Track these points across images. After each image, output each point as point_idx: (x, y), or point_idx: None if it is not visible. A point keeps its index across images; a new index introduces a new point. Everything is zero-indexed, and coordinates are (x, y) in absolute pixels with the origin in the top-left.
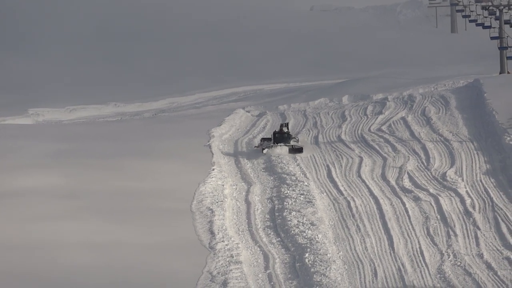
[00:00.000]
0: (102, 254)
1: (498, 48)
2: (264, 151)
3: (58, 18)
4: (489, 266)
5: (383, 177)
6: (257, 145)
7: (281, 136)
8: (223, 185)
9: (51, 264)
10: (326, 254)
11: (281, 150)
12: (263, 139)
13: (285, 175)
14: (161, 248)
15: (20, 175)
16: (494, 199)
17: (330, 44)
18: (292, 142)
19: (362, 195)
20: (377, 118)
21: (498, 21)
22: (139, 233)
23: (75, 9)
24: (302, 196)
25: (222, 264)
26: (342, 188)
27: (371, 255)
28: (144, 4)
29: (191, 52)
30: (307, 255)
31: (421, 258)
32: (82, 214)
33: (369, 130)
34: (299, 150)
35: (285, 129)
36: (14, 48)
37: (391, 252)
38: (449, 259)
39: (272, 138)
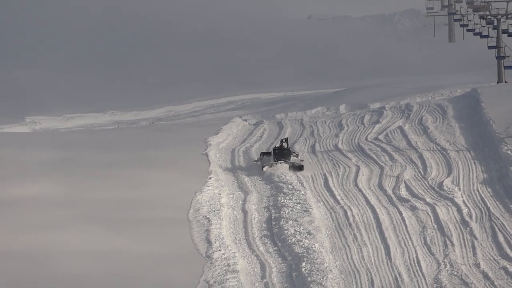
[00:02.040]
0: (99, 263)
1: (496, 57)
2: (264, 168)
3: (55, 26)
4: (486, 276)
5: (380, 186)
6: (256, 159)
7: (281, 152)
8: (220, 194)
9: (48, 272)
10: (323, 264)
11: (281, 167)
12: (262, 154)
13: (282, 184)
14: (158, 257)
15: (17, 183)
16: (491, 208)
17: (327, 52)
18: (292, 158)
19: (359, 204)
20: (374, 127)
21: (495, 31)
22: (136, 242)
23: (72, 17)
24: (299, 205)
25: (219, 273)
26: (339, 197)
27: (368, 265)
28: (142, 12)
29: (189, 60)
30: (304, 264)
31: (418, 267)
32: (79, 223)
33: (366, 139)
34: (300, 167)
35: (285, 145)
36: (11, 56)
37: (388, 261)
38: (446, 268)
39: (272, 155)
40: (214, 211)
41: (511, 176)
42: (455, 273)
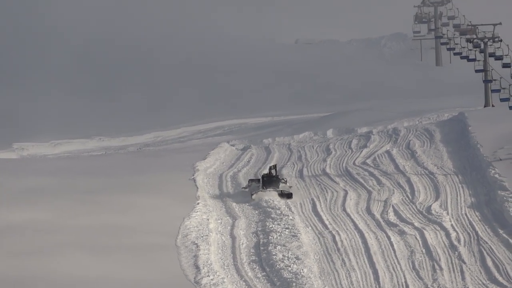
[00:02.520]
0: None
1: (483, 81)
2: (253, 196)
3: (42, 51)
4: None
5: (368, 210)
6: (244, 186)
7: (269, 180)
8: (208, 219)
9: None
10: None
11: (270, 195)
12: (250, 181)
13: (270, 209)
14: (146, 283)
15: (4, 210)
16: (479, 232)
17: (315, 77)
18: (281, 185)
19: (347, 229)
20: (362, 151)
21: (482, 54)
22: (125, 268)
23: (59, 42)
24: (287, 230)
25: None
26: (327, 222)
27: None
28: (129, 38)
29: (176, 85)
30: None
31: None
32: (67, 249)
33: (354, 163)
34: (289, 195)
35: (273, 172)
36: None
37: (377, 286)
38: None
39: (261, 182)
40: (202, 236)
41: (499, 200)
42: None
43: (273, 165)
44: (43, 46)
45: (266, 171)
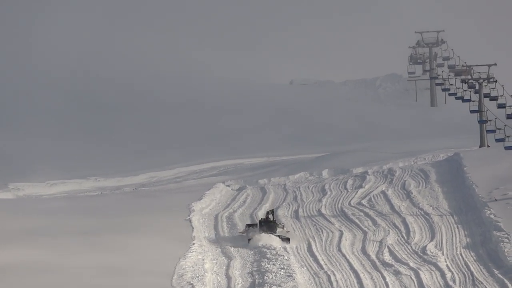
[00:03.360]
0: None
1: (478, 121)
2: (250, 241)
3: (37, 92)
4: None
5: (364, 251)
6: (242, 231)
7: (267, 225)
8: (203, 260)
9: None
10: None
11: (268, 240)
12: (248, 225)
13: (265, 249)
14: None
15: (1, 250)
16: (474, 273)
17: (310, 117)
18: (278, 230)
19: (342, 269)
20: (357, 192)
21: (477, 95)
22: None
23: (54, 82)
24: (282, 270)
25: None
26: (322, 262)
27: None
28: (125, 78)
29: (171, 126)
30: None
31: None
32: None
33: (349, 204)
34: (286, 240)
35: (270, 217)
36: None
37: None
38: None
39: (258, 226)
40: (198, 276)
41: (494, 240)
42: None
43: (270, 210)
44: (39, 86)
45: (263, 215)
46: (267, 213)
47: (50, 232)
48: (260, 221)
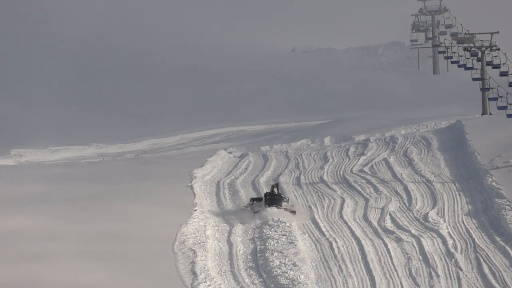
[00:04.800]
0: None
1: (480, 89)
2: (256, 214)
3: (39, 59)
4: None
5: (365, 218)
6: (246, 205)
7: (272, 198)
8: (205, 226)
9: None
10: None
11: (273, 213)
12: (252, 199)
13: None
14: None
15: (1, 216)
16: (476, 240)
17: (312, 85)
18: (283, 204)
19: (344, 236)
20: (359, 159)
21: (480, 63)
22: (121, 274)
23: (56, 49)
24: (284, 237)
25: None
26: (324, 229)
27: None
28: (126, 45)
29: (174, 93)
30: None
31: None
32: (63, 256)
33: (351, 171)
34: (293, 213)
35: (275, 190)
36: None
37: None
38: None
39: (263, 200)
40: (200, 243)
41: (496, 208)
42: None
43: (275, 184)
44: (41, 53)
45: (268, 189)
46: (272, 187)
47: (51, 198)
48: (265, 195)
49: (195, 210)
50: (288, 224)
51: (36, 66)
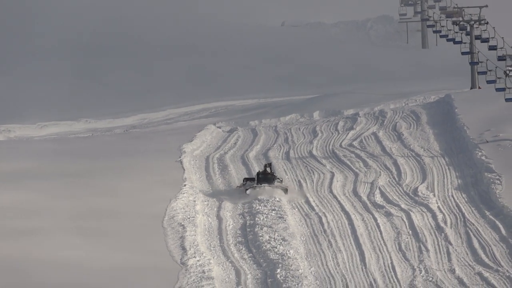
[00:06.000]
0: (73, 272)
1: (469, 63)
2: (248, 191)
3: (27, 34)
4: (461, 282)
5: (355, 192)
6: (239, 185)
7: (264, 177)
8: (194, 201)
9: (22, 280)
10: (298, 270)
11: (265, 192)
12: (245, 179)
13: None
14: (132, 264)
15: None
16: (465, 214)
17: (301, 59)
18: (276, 183)
19: (333, 210)
20: (348, 133)
21: (468, 36)
22: (110, 249)
23: (44, 24)
24: (273, 211)
25: (194, 280)
26: (313, 204)
27: (343, 271)
28: (115, 20)
29: (162, 67)
30: (278, 270)
31: (393, 273)
32: (53, 231)
33: (341, 145)
34: (284, 191)
35: (268, 170)
36: None
37: (363, 267)
38: (421, 274)
39: (256, 179)
40: (189, 218)
41: (486, 182)
42: (430, 278)
43: (268, 163)
44: (29, 29)
45: (261, 168)
46: (265, 166)
47: (40, 174)
48: (258, 174)
49: (185, 185)
50: (277, 199)
51: (25, 42)
